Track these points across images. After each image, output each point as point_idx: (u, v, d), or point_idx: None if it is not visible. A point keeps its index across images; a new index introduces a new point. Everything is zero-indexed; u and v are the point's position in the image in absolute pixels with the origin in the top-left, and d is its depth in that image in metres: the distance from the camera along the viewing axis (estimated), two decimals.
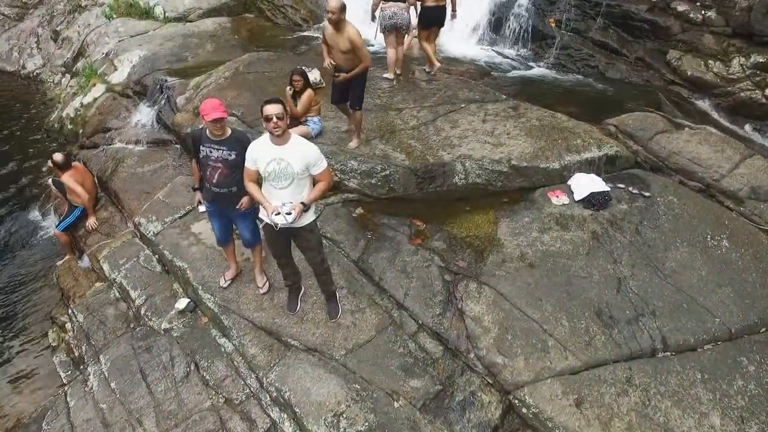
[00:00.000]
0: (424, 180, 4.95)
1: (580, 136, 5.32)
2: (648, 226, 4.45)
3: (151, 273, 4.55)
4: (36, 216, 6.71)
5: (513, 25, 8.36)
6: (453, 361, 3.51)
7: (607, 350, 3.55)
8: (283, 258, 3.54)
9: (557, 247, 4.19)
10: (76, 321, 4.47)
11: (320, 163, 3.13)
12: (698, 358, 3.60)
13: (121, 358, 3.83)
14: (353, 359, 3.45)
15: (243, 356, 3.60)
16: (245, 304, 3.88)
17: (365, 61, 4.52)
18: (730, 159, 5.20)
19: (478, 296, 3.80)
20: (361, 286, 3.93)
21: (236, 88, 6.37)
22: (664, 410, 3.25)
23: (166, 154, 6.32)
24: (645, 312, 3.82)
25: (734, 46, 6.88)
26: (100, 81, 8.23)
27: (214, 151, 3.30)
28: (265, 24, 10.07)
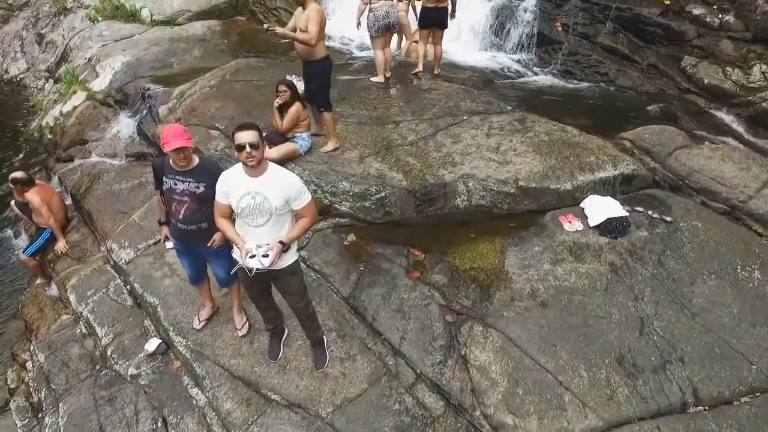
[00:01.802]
0: (423, 202, 4.50)
1: (594, 153, 4.88)
2: (671, 256, 4.02)
3: (121, 307, 4.11)
4: (8, 235, 6.26)
5: (518, 30, 7.93)
6: (456, 419, 3.06)
7: (631, 405, 3.11)
8: (261, 302, 3.10)
9: (572, 282, 3.75)
10: (36, 361, 4.02)
11: (303, 196, 2.69)
12: (735, 413, 3.16)
13: (80, 411, 3.39)
14: (342, 418, 3.01)
15: (217, 412, 3.15)
16: (221, 348, 3.44)
17: (310, 34, 4.25)
18: (757, 178, 4.76)
19: (484, 341, 3.36)
20: (352, 328, 3.49)
21: (222, 98, 5.94)
22: None
23: (145, 169, 5.86)
24: (672, 358, 3.38)
25: (755, 53, 6.44)
26: (81, 88, 7.80)
27: (179, 183, 2.86)
28: (257, 27, 9.62)
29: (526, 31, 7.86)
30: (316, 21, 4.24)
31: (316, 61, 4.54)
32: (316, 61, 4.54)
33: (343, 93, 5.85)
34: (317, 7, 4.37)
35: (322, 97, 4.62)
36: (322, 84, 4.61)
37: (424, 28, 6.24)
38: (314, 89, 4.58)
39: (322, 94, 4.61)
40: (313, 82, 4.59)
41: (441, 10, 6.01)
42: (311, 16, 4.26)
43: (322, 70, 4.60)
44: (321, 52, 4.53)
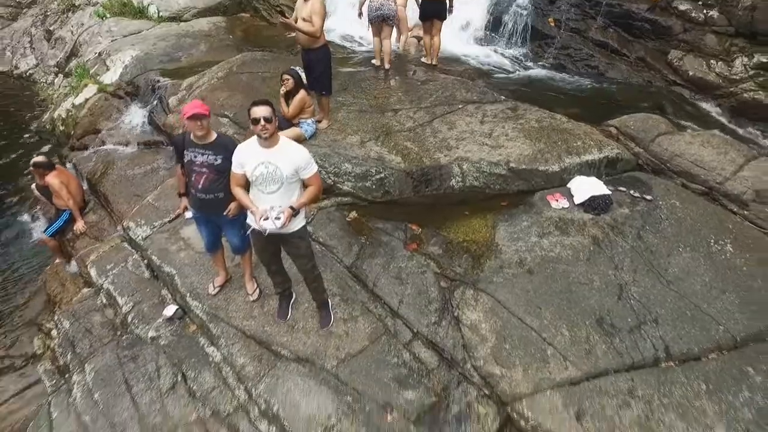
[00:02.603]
0: (420, 183, 4.83)
1: (580, 138, 5.20)
2: (650, 230, 4.33)
3: (139, 279, 4.42)
4: (26, 219, 6.57)
5: (512, 25, 8.24)
6: (449, 371, 3.38)
7: (608, 359, 3.43)
8: (272, 265, 3.41)
9: (557, 252, 4.06)
10: (61, 328, 4.32)
11: (310, 166, 3.01)
12: (703, 368, 3.47)
13: (106, 368, 3.70)
14: (345, 370, 3.32)
15: (231, 366, 3.47)
16: (234, 311, 3.76)
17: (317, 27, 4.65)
18: (734, 161, 5.09)
19: (475, 304, 3.67)
20: (355, 293, 3.81)
21: (229, 88, 6.25)
22: (668, 423, 3.12)
23: (157, 156, 6.20)
24: (647, 320, 3.69)
25: (737, 46, 6.75)
26: (92, 81, 8.09)
27: (199, 155, 3.18)
28: (260, 24, 9.95)
29: (520, 26, 8.17)
30: (320, 14, 4.57)
31: (317, 49, 4.88)
32: (318, 48, 4.88)
33: (344, 84, 6.17)
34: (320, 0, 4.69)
35: (326, 82, 4.97)
36: (326, 70, 4.94)
37: (424, 21, 6.74)
38: (319, 75, 4.89)
39: (326, 78, 4.94)
40: (318, 68, 4.91)
41: (439, 3, 6.47)
42: (315, 9, 4.59)
43: (323, 56, 4.94)
44: (322, 41, 4.87)
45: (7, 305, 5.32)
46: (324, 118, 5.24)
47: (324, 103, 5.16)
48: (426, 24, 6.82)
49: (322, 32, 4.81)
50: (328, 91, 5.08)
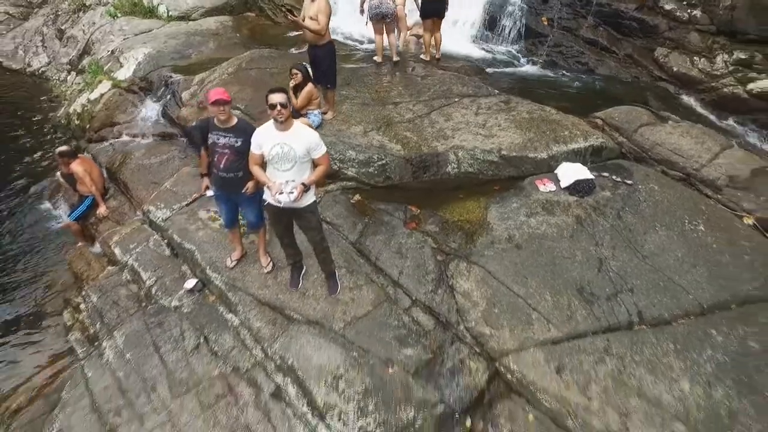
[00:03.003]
0: (418, 169, 5.22)
1: (568, 128, 5.60)
2: (629, 211, 4.73)
3: (160, 256, 4.82)
4: (47, 207, 6.96)
5: (507, 23, 8.63)
6: (443, 332, 3.78)
7: (587, 323, 3.83)
8: (285, 238, 3.81)
9: (543, 230, 4.46)
10: (90, 302, 4.72)
11: (320, 147, 3.40)
12: (672, 330, 3.86)
13: (135, 333, 4.10)
14: (351, 331, 3.72)
15: (249, 329, 3.86)
16: (250, 282, 4.15)
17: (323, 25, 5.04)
18: (710, 150, 5.49)
19: (468, 274, 4.08)
20: (359, 266, 4.21)
21: (239, 83, 6.64)
22: (638, 376, 3.52)
23: (171, 147, 6.59)
24: (623, 289, 4.09)
25: (718, 44, 7.14)
26: (106, 78, 8.47)
27: (222, 138, 3.57)
28: (265, 23, 10.35)
29: (515, 24, 8.56)
30: (325, 13, 4.97)
31: (323, 45, 5.28)
32: (324, 45, 5.27)
33: (348, 79, 6.56)
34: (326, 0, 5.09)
35: (332, 76, 5.37)
36: (331, 65, 5.34)
37: (425, 19, 7.12)
38: (325, 70, 5.29)
39: (331, 72, 5.34)
40: (324, 63, 5.30)
41: (439, 3, 6.88)
42: (321, 8, 4.98)
43: (329, 52, 5.33)
44: (327, 38, 5.27)
45: (35, 284, 5.71)
46: (329, 109, 5.64)
47: (329, 95, 5.56)
48: (427, 22, 7.20)
49: (328, 30, 5.20)
50: (333, 84, 5.48)
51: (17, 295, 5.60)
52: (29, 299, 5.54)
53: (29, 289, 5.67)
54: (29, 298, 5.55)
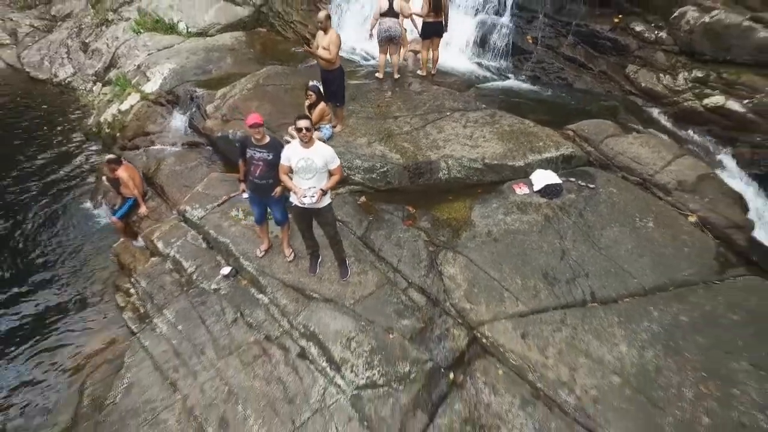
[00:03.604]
0: (414, 175, 6.16)
1: (543, 139, 6.54)
2: (589, 210, 5.67)
3: (198, 248, 5.75)
4: (88, 206, 7.89)
5: (496, 41, 9.55)
6: (433, 307, 4.72)
7: (548, 301, 4.76)
8: (306, 232, 4.74)
9: (516, 226, 5.40)
10: (139, 286, 5.65)
11: (335, 161, 4.34)
12: (617, 307, 4.79)
13: (183, 310, 5.03)
14: (359, 306, 4.66)
15: (276, 306, 4.80)
16: (276, 268, 5.09)
17: (333, 55, 5.98)
18: (664, 158, 6.42)
19: (453, 262, 5.01)
20: (365, 255, 5.14)
21: (258, 98, 7.58)
22: (587, 341, 4.45)
23: (199, 155, 7.53)
24: (581, 274, 5.02)
25: (680, 62, 8.07)
26: (134, 90, 9.42)
27: (257, 153, 4.50)
28: (276, 38, 11.27)
29: (503, 42, 9.48)
30: (336, 44, 5.90)
31: (334, 70, 6.21)
32: (334, 69, 6.21)
33: (353, 95, 7.49)
34: (336, 33, 6.02)
35: (341, 95, 6.31)
36: (341, 86, 6.27)
37: (425, 39, 8.05)
38: (335, 90, 6.23)
39: (341, 93, 6.29)
40: (334, 84, 6.24)
41: (437, 24, 7.83)
42: (332, 40, 5.91)
43: (338, 75, 6.27)
44: (337, 63, 6.20)
45: (85, 273, 6.65)
46: (339, 123, 6.58)
47: (338, 112, 6.50)
48: (426, 41, 8.14)
49: (338, 57, 6.14)
50: (341, 102, 6.42)
51: (71, 280, 6.54)
52: (81, 285, 6.48)
53: (81, 277, 6.61)
54: (81, 284, 6.49)
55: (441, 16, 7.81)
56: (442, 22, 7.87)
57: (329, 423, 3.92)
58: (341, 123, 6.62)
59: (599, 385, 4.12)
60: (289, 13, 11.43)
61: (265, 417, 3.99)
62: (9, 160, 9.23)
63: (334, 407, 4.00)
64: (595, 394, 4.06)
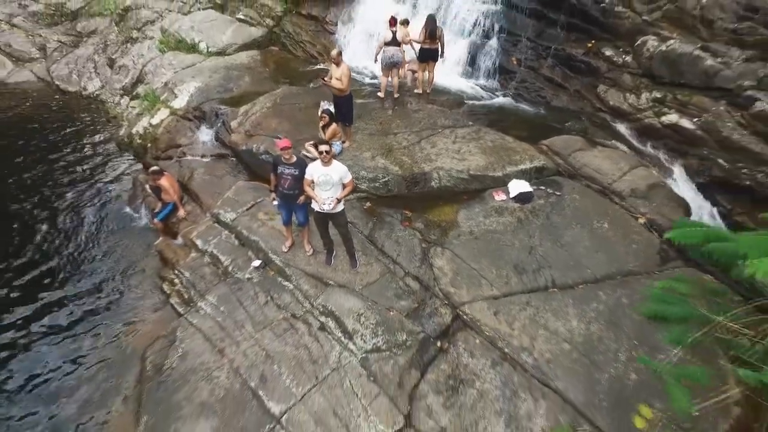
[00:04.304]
0: (411, 184, 7.36)
1: (519, 153, 7.74)
2: (555, 214, 6.87)
3: (231, 245, 6.94)
4: (128, 210, 9.08)
5: (485, 62, 10.75)
6: (425, 291, 5.92)
7: (517, 287, 5.96)
8: (324, 232, 5.94)
9: (494, 227, 6.60)
10: (183, 276, 6.84)
11: (348, 176, 5.53)
12: (573, 292, 5.99)
13: (223, 294, 6.23)
14: (366, 290, 5.86)
15: (300, 290, 6.00)
16: (299, 261, 6.29)
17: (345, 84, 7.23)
18: (622, 169, 7.62)
19: (442, 255, 6.21)
20: (370, 251, 6.34)
21: (277, 116, 8.78)
22: (546, 318, 5.64)
23: (226, 165, 8.73)
24: (545, 266, 6.22)
25: (643, 84, 9.25)
26: (163, 106, 10.61)
27: (286, 169, 5.70)
28: (287, 56, 12.47)
29: (490, 63, 10.67)
30: (347, 76, 7.10)
31: (345, 96, 7.42)
32: (345, 95, 7.41)
33: (359, 113, 8.66)
34: (347, 66, 7.21)
35: (350, 117, 7.53)
36: (350, 109, 7.48)
37: (422, 62, 9.27)
38: (346, 112, 7.44)
39: (350, 115, 7.50)
40: (345, 108, 7.45)
41: (433, 50, 9.06)
42: (344, 72, 7.11)
43: (348, 101, 7.48)
44: (347, 91, 7.41)
45: (131, 267, 7.83)
46: (347, 140, 7.77)
47: (347, 130, 7.70)
48: (422, 64, 9.37)
49: (348, 85, 7.31)
50: (350, 122, 7.62)
51: (120, 273, 7.72)
52: (130, 276, 7.67)
53: (128, 270, 7.79)
54: (129, 275, 7.68)
55: (436, 43, 9.03)
56: (437, 48, 9.08)
57: (344, 378, 5.12)
58: (350, 139, 7.82)
59: (553, 350, 5.33)
60: (298, 33, 12.64)
61: (295, 373, 5.19)
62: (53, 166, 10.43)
63: (348, 366, 5.21)
64: (549, 356, 5.27)
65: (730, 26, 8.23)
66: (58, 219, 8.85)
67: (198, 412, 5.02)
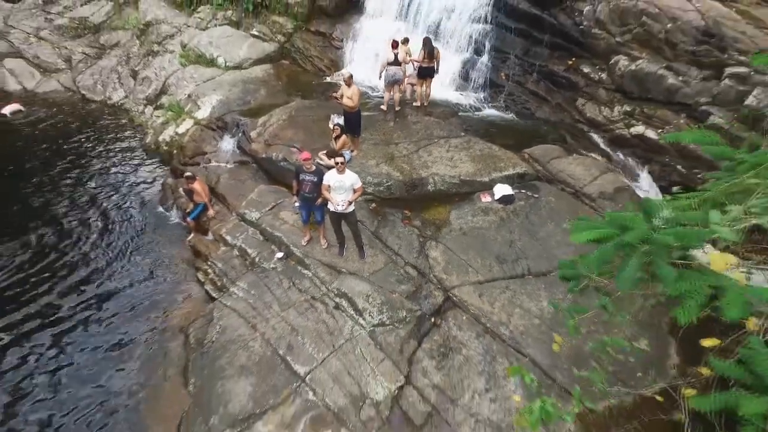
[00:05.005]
0: (410, 188, 8.55)
1: (504, 161, 8.94)
2: (533, 213, 8.06)
3: (257, 240, 8.14)
4: (160, 210, 10.27)
5: (476, 76, 11.95)
6: (422, 278, 7.12)
7: (498, 274, 7.15)
8: (337, 228, 7.13)
9: (480, 224, 7.80)
10: (215, 266, 8.04)
11: (358, 182, 6.73)
12: (546, 279, 7.19)
13: (253, 281, 7.42)
14: (373, 277, 7.05)
15: (317, 277, 7.19)
16: (316, 253, 7.49)
17: (355, 103, 8.41)
18: (593, 174, 8.82)
19: (436, 248, 7.41)
20: (376, 244, 7.54)
21: (293, 127, 9.98)
22: (521, 299, 6.84)
23: (247, 171, 9.92)
24: (522, 257, 7.42)
25: (616, 98, 10.46)
26: (188, 116, 11.81)
27: (307, 176, 6.89)
28: (297, 69, 13.67)
29: (482, 77, 11.87)
30: (358, 95, 8.30)
31: (354, 112, 8.62)
32: (355, 112, 8.61)
33: (365, 125, 9.83)
34: (357, 87, 8.41)
35: (358, 129, 8.73)
36: (359, 123, 8.68)
37: (420, 78, 10.51)
38: (354, 125, 8.64)
39: (357, 127, 8.70)
40: (354, 122, 8.65)
41: (431, 68, 10.27)
42: (354, 92, 8.31)
43: (357, 116, 8.69)
44: (357, 108, 8.61)
45: (169, 261, 9.02)
46: (356, 149, 8.97)
47: (356, 141, 8.90)
48: (421, 80, 10.59)
49: (358, 103, 8.50)
50: (358, 134, 8.82)
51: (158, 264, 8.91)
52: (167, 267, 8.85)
53: (164, 261, 8.97)
54: (166, 266, 8.86)
55: (434, 62, 10.24)
56: (434, 66, 10.30)
57: (356, 346, 6.32)
58: (357, 149, 9.01)
59: (526, 324, 6.52)
60: (307, 48, 13.84)
61: (316, 343, 6.38)
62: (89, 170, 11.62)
63: (359, 337, 6.40)
64: (522, 329, 6.46)
65: (690, 48, 9.42)
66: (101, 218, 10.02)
67: (238, 373, 6.21)
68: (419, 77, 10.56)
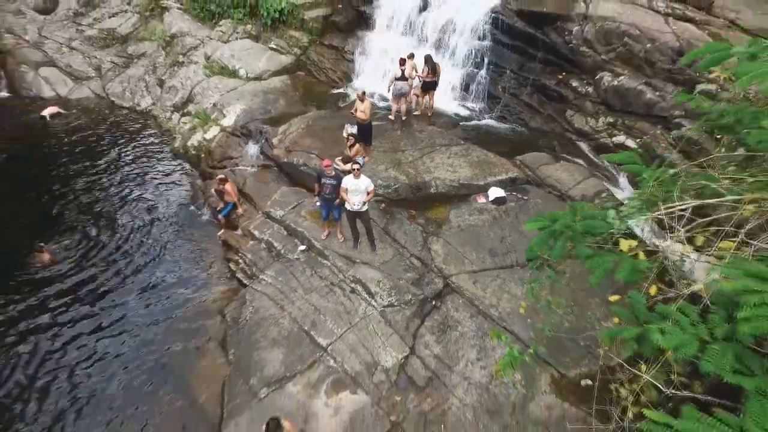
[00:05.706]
0: (415, 190, 9.76)
1: (498, 167, 10.13)
2: (522, 213, 9.25)
3: (282, 235, 9.37)
4: (192, 209, 11.52)
5: (476, 88, 13.12)
6: (425, 267, 8.33)
7: (491, 265, 8.34)
8: (353, 225, 8.35)
9: (475, 222, 9.00)
10: (245, 257, 9.27)
11: (371, 186, 7.94)
12: None
13: (279, 269, 8.65)
14: (383, 266, 8.27)
15: (335, 266, 8.41)
16: (334, 245, 8.71)
17: (367, 115, 9.63)
18: (576, 179, 9.99)
19: (437, 242, 8.63)
20: (386, 239, 8.76)
21: (310, 136, 11.21)
22: (510, 286, 8.02)
23: (270, 174, 11.15)
24: (512, 251, 8.61)
25: (601, 110, 11.61)
26: (214, 123, 13.06)
27: (328, 180, 8.11)
28: (312, 80, 14.89)
29: (480, 89, 13.04)
30: (369, 108, 9.54)
31: (367, 124, 9.83)
32: (367, 123, 9.83)
33: (375, 134, 11.06)
34: (369, 101, 9.65)
35: (369, 138, 9.95)
36: (370, 133, 9.91)
37: (424, 91, 11.70)
38: (366, 135, 9.87)
39: (369, 137, 9.93)
40: (366, 132, 9.88)
41: (434, 82, 11.47)
42: (367, 107, 9.54)
43: (369, 127, 9.91)
44: (368, 120, 9.82)
45: (203, 253, 10.27)
46: (367, 156, 10.18)
47: (368, 149, 10.11)
48: (424, 93, 11.81)
49: (369, 116, 9.72)
50: (370, 143, 10.04)
51: (194, 256, 10.16)
52: (202, 258, 10.10)
53: (200, 253, 10.23)
54: (202, 258, 10.12)
55: (436, 76, 11.46)
56: (437, 80, 11.52)
57: (369, 324, 7.53)
58: (369, 155, 10.22)
59: (512, 307, 7.72)
60: (322, 61, 15.06)
61: (335, 320, 7.61)
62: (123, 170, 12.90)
63: (371, 316, 7.62)
64: (509, 311, 7.66)
65: (666, 66, 10.57)
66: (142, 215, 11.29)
67: (271, 345, 7.45)
68: (423, 90, 11.79)
